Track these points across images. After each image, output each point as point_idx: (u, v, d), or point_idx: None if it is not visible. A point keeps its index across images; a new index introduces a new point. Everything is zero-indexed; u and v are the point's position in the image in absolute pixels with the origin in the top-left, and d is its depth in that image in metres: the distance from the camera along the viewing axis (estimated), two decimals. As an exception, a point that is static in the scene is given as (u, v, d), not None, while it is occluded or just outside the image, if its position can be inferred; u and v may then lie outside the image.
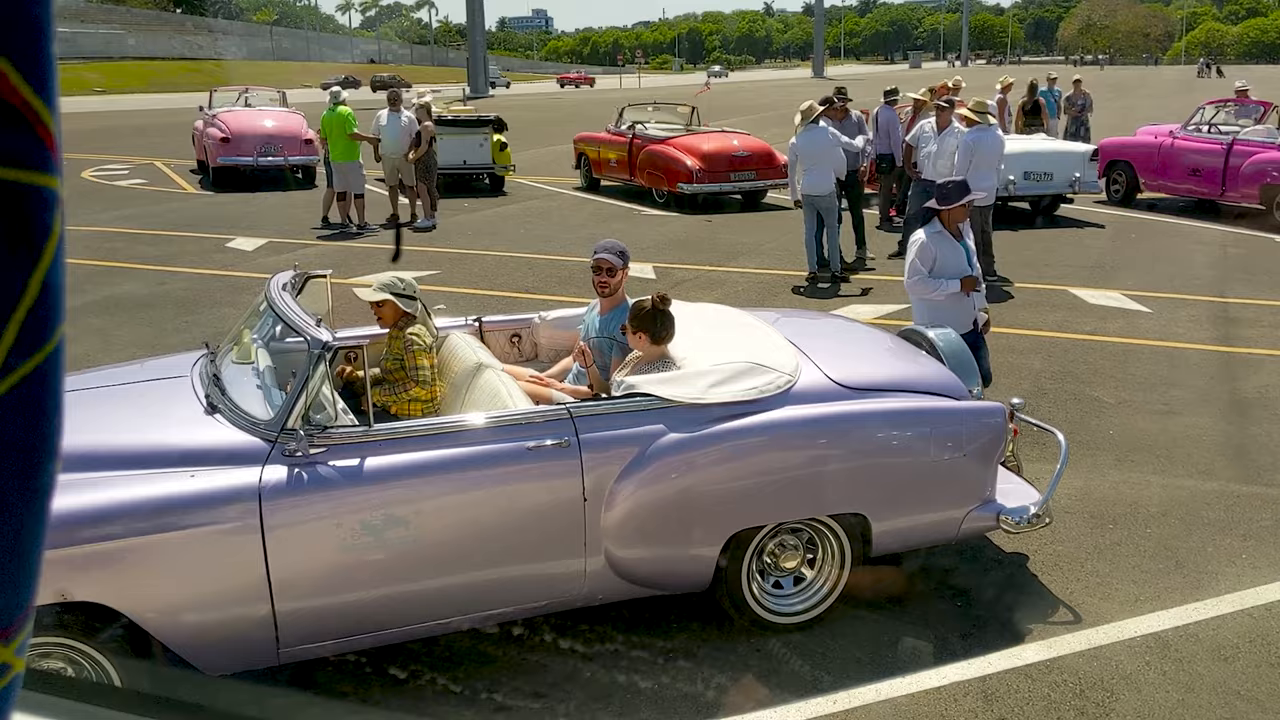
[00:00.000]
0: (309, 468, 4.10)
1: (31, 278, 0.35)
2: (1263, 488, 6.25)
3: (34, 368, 0.36)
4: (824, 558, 4.86)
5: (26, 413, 0.36)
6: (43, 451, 0.38)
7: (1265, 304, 10.47)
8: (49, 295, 0.36)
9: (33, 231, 0.35)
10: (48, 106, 0.35)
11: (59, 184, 0.36)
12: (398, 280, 5.13)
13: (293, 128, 20.08)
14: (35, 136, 0.35)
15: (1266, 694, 4.29)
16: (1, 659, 0.39)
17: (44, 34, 0.34)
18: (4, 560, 0.37)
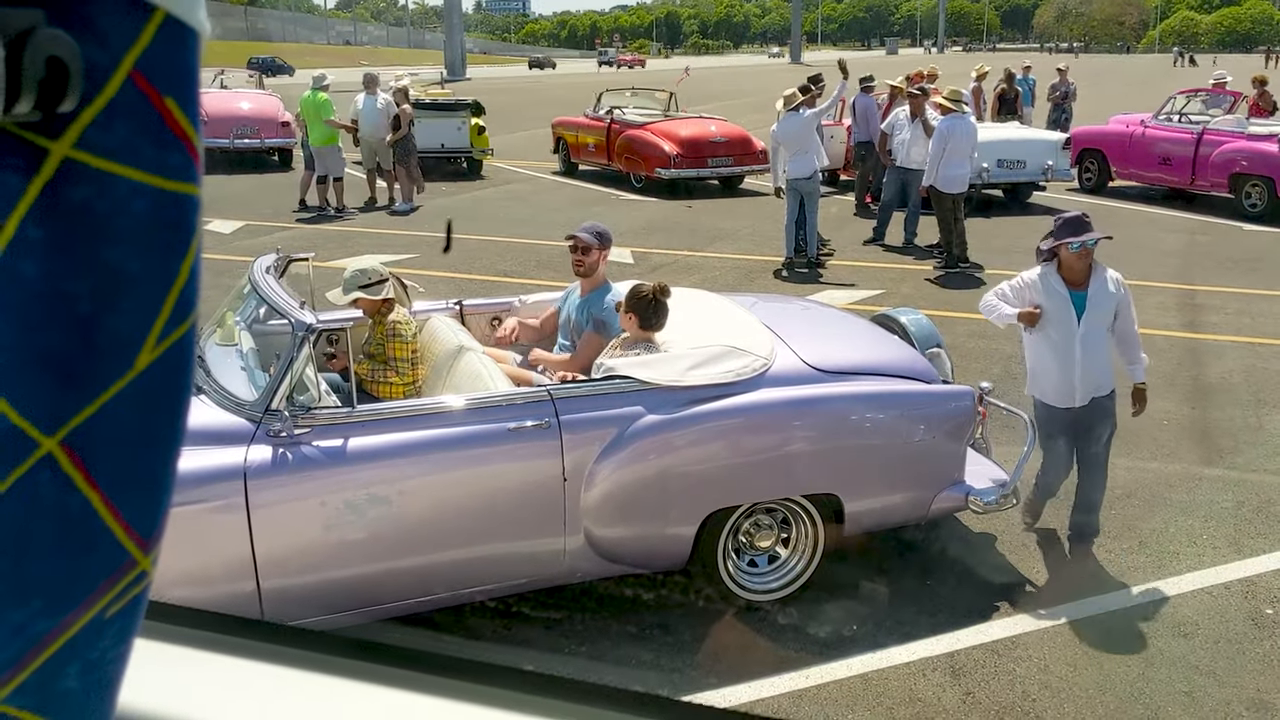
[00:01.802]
0: (293, 448, 4.17)
1: (183, 264, 0.46)
2: (1224, 470, 6.42)
3: (181, 335, 0.46)
4: (798, 537, 4.98)
5: (175, 368, 0.47)
6: (184, 398, 0.48)
7: (1231, 291, 10.67)
8: (193, 279, 0.46)
9: (186, 229, 0.45)
10: (196, 130, 0.45)
11: (200, 193, 0.46)
12: (360, 274, 5.12)
13: (269, 110, 20.00)
14: (189, 157, 0.45)
15: (1224, 669, 4.44)
16: (142, 567, 0.49)
17: (196, 75, 0.44)
18: (153, 484, 0.48)
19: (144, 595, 0.51)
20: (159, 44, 0.43)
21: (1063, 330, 5.25)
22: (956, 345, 8.00)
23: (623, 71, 79.72)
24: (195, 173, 0.46)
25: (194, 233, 0.46)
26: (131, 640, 0.52)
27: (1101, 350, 5.28)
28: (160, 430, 0.48)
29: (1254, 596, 5.01)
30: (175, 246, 0.45)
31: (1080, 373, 5.21)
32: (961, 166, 11.11)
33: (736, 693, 4.30)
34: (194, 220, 0.46)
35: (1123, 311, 5.28)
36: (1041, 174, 15.07)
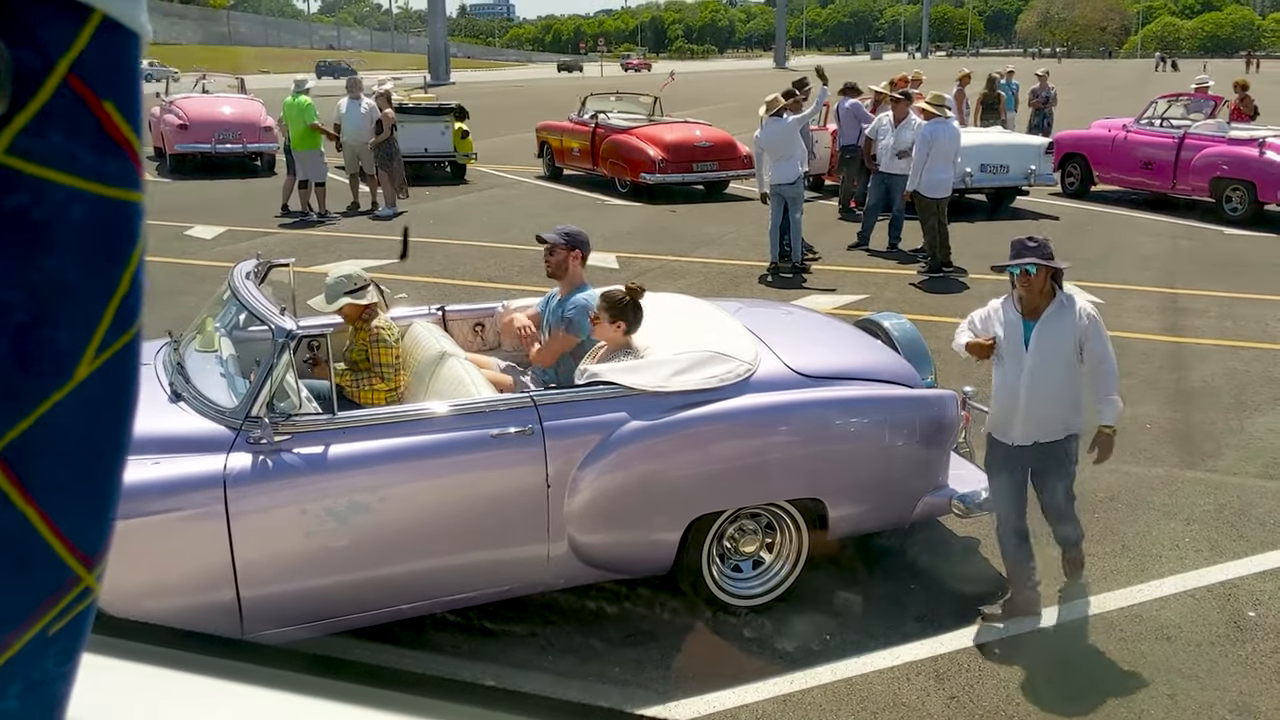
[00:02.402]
0: (273, 455, 4.14)
1: (124, 274, 0.44)
2: (1205, 474, 6.45)
3: (123, 345, 0.45)
4: (782, 542, 4.98)
5: (118, 380, 0.46)
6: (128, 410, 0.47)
7: (1212, 295, 10.72)
8: (136, 288, 0.45)
9: (127, 237, 0.44)
10: (138, 137, 0.43)
11: (144, 200, 0.45)
12: (344, 279, 5.08)
13: (251, 115, 19.92)
14: (130, 163, 0.43)
15: (1206, 671, 4.45)
16: (86, 584, 0.47)
17: (138, 79, 0.43)
18: (97, 499, 0.47)
19: (89, 612, 0.49)
20: (96, 47, 0.42)
21: (1011, 363, 4.78)
22: (940, 350, 8.01)
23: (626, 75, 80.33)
24: (137, 179, 0.44)
25: (136, 240, 0.45)
26: (77, 658, 0.50)
27: (1055, 388, 4.70)
28: (103, 443, 0.47)
29: (1236, 599, 5.03)
30: (116, 255, 0.44)
31: (1023, 410, 4.71)
32: (945, 171, 11.14)
33: (721, 698, 4.29)
34: (136, 227, 0.45)
35: (1089, 345, 4.71)
36: (1024, 179, 15.13)
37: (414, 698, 0.80)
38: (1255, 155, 14.15)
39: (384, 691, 0.79)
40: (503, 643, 4.66)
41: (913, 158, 11.30)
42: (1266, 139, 14.23)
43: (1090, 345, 4.71)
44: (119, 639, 0.84)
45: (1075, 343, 4.71)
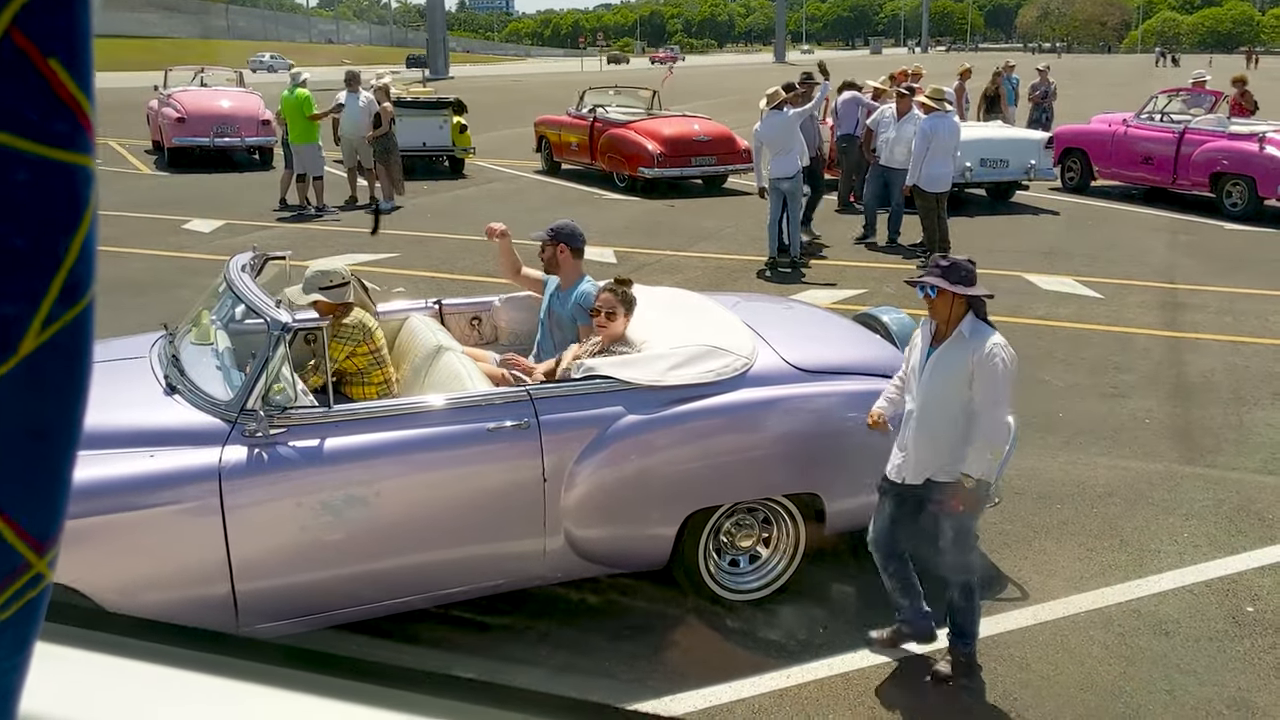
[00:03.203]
0: (269, 448, 4.12)
1: (73, 242, 0.42)
2: (1204, 469, 6.43)
3: (72, 318, 0.43)
4: (779, 536, 4.96)
5: (66, 355, 0.43)
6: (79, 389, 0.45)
7: (1212, 290, 10.71)
8: (85, 257, 0.43)
9: (76, 203, 0.42)
10: (88, 98, 0.41)
11: (94, 164, 0.43)
12: (321, 274, 5.03)
13: (249, 108, 19.87)
14: (79, 124, 0.41)
15: (1204, 667, 4.44)
16: (37, 570, 0.46)
17: (87, 37, 0.41)
18: (46, 482, 0.45)
19: (42, 600, 0.47)
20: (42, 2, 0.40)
21: (909, 387, 4.39)
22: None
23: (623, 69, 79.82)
24: (86, 142, 0.42)
25: (86, 207, 0.43)
26: (30, 649, 0.49)
27: (938, 427, 4.24)
28: (51, 422, 0.45)
29: (1234, 594, 5.01)
30: (63, 221, 0.42)
31: (909, 444, 4.33)
32: (944, 165, 11.12)
33: (717, 693, 4.27)
34: (86, 194, 0.43)
35: (976, 385, 4.16)
36: (1024, 173, 15.11)
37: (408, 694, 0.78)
38: (1255, 150, 14.12)
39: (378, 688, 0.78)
40: (498, 637, 4.64)
41: (912, 152, 11.28)
42: (1266, 134, 14.20)
43: (978, 386, 4.15)
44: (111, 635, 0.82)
45: (966, 380, 4.17)
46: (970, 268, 4.25)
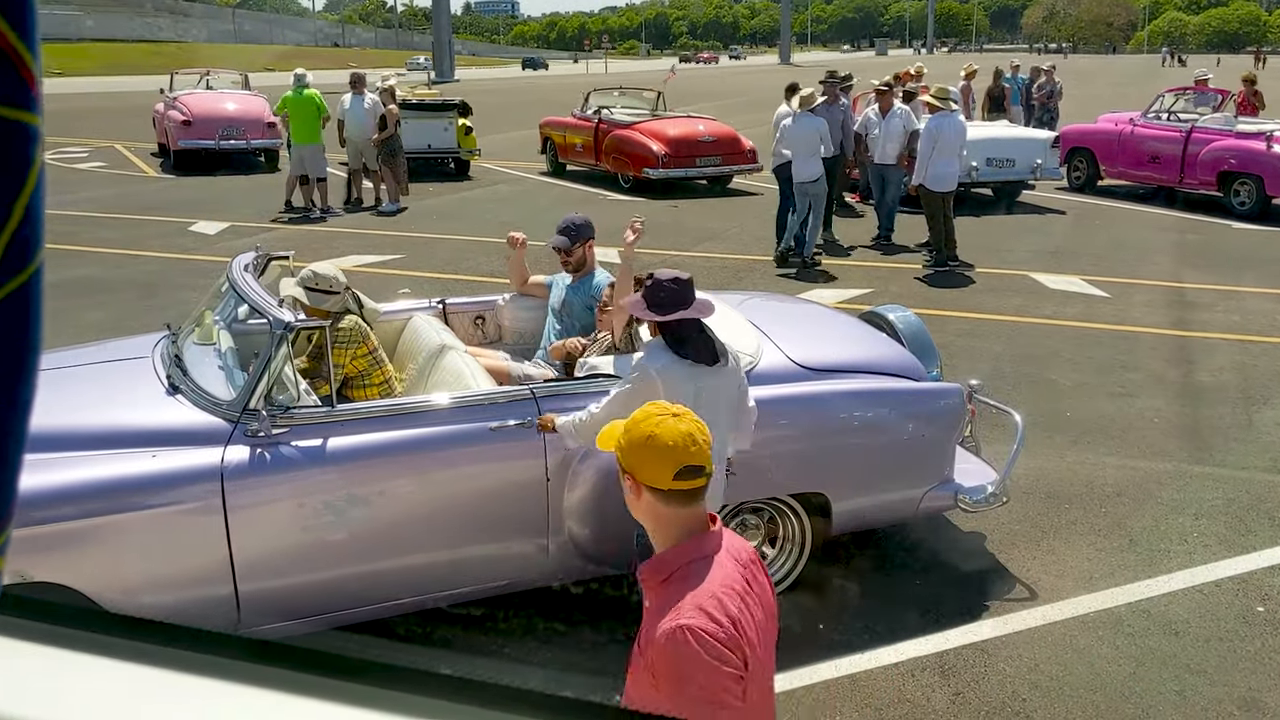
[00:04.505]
0: (271, 448, 4.10)
1: (16, 203, 0.39)
2: (1214, 468, 6.38)
3: (18, 286, 0.40)
4: (785, 536, 4.92)
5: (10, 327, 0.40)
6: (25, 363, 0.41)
7: (1220, 289, 10.65)
8: (31, 220, 0.40)
9: (17, 162, 0.39)
10: (30, 51, 0.38)
11: (39, 121, 0.39)
12: (312, 274, 4.93)
13: (255, 111, 19.89)
14: (19, 78, 0.38)
15: (1215, 667, 4.40)
16: None
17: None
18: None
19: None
20: None
21: None
22: (946, 344, 7.96)
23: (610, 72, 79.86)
24: (30, 98, 0.39)
25: (30, 166, 0.40)
26: None
27: None
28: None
29: (1245, 594, 4.97)
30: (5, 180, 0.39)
31: None
32: (950, 165, 11.08)
33: (723, 695, 4.23)
34: (30, 152, 0.40)
35: None
36: (1030, 173, 15.07)
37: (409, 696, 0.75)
38: (1263, 149, 14.06)
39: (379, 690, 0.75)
40: (501, 638, 4.61)
41: (919, 151, 11.25)
42: (1274, 133, 14.14)
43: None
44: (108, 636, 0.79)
45: None
46: (673, 289, 4.01)
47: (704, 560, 2.23)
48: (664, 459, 2.24)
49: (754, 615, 2.20)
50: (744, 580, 2.23)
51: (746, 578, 2.25)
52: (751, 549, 2.39)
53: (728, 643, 2.10)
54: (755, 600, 2.24)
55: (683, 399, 3.87)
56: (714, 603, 2.14)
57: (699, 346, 3.95)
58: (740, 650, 2.12)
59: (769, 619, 2.30)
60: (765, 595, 2.31)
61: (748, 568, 2.28)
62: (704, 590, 2.17)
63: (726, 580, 2.20)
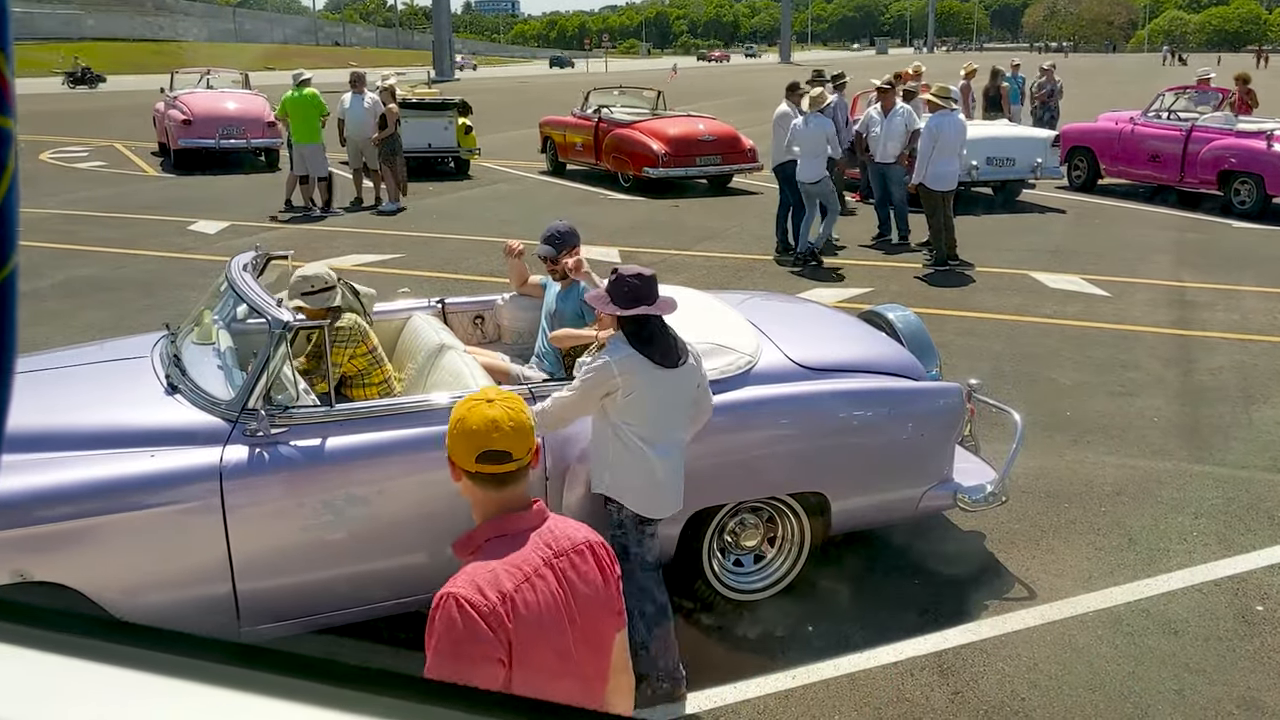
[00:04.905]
0: (270, 448, 4.10)
1: None
2: (1214, 467, 6.38)
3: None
4: (784, 536, 4.92)
5: None
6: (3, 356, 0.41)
7: (1220, 288, 10.65)
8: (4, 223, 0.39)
9: None
10: (3, 53, 0.38)
11: (12, 124, 0.39)
12: (303, 280, 4.90)
13: (255, 110, 19.89)
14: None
15: (1214, 667, 4.40)
16: None
17: None
18: None
19: None
20: None
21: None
22: (945, 343, 7.96)
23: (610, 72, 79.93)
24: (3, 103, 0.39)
25: (4, 169, 0.39)
26: None
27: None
28: None
29: (1244, 593, 4.97)
30: None
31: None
32: (950, 164, 11.07)
33: (721, 693, 4.24)
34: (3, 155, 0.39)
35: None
36: (1030, 172, 15.07)
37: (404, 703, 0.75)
38: (1264, 148, 14.06)
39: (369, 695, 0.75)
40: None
41: (919, 150, 11.25)
42: (1274, 131, 14.13)
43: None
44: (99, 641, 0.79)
45: None
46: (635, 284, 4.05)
47: (504, 539, 2.33)
48: (468, 443, 2.35)
49: (543, 598, 2.26)
50: (543, 563, 2.29)
51: (551, 563, 2.31)
52: (585, 540, 2.44)
53: (488, 617, 2.18)
54: (557, 586, 2.29)
55: (641, 393, 3.95)
56: (489, 578, 2.23)
57: (663, 348, 4.01)
58: (502, 627, 2.18)
59: (589, 608, 2.35)
60: (587, 585, 2.36)
61: (564, 556, 2.34)
62: (486, 565, 2.26)
63: (516, 560, 2.28)
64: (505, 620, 2.19)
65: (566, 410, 4.08)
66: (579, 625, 2.32)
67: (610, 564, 2.46)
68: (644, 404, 4.00)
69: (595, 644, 2.39)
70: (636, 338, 4.00)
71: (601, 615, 2.40)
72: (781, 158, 11.80)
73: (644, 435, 4.02)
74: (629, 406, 3.99)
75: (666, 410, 4.07)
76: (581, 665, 2.35)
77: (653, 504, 4.13)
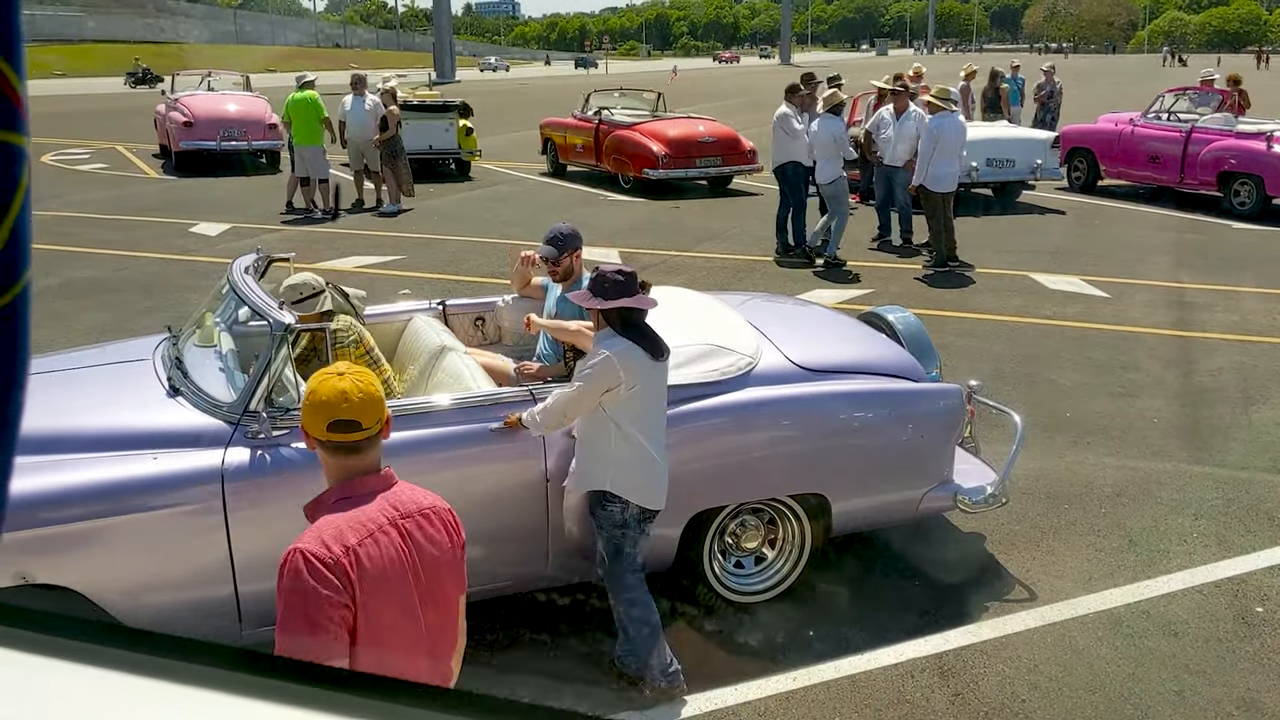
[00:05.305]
0: (272, 450, 4.11)
1: (2, 224, 0.39)
2: (1213, 468, 6.39)
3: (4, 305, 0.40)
4: (784, 537, 4.93)
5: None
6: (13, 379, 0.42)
7: (1219, 289, 10.66)
8: (17, 240, 0.40)
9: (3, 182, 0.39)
10: (15, 72, 0.39)
11: (26, 142, 0.40)
12: (290, 289, 4.94)
13: (256, 112, 19.90)
14: (5, 98, 0.39)
15: (1214, 668, 4.40)
16: None
17: (12, 7, 0.38)
18: None
19: None
20: None
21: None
22: (945, 344, 7.97)
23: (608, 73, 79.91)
24: (16, 119, 0.39)
25: (16, 186, 0.40)
26: None
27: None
28: None
29: (1244, 595, 4.97)
30: None
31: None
32: (950, 165, 11.08)
33: (722, 695, 4.25)
34: (16, 172, 0.40)
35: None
36: (1030, 173, 15.07)
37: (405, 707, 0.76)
38: (1263, 149, 14.07)
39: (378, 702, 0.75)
40: (500, 642, 4.61)
41: (919, 152, 11.26)
42: (1274, 133, 14.14)
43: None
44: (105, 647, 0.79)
45: None
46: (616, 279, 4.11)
47: (350, 500, 2.49)
48: (319, 412, 2.50)
49: (386, 553, 2.42)
50: (387, 522, 2.46)
51: (396, 522, 2.47)
52: (432, 505, 2.61)
53: (333, 569, 2.33)
54: (401, 544, 2.45)
55: (641, 388, 4.02)
56: (334, 533, 2.38)
57: (652, 340, 4.13)
58: (346, 578, 2.34)
59: (434, 568, 2.52)
60: (433, 546, 2.53)
61: (410, 518, 2.51)
62: (331, 522, 2.42)
63: (360, 518, 2.43)
64: (349, 571, 2.34)
65: (569, 407, 4.14)
66: (423, 583, 2.48)
67: (456, 530, 2.64)
68: (643, 398, 4.09)
69: (439, 602, 2.55)
70: (626, 327, 4.12)
71: (446, 576, 2.57)
72: (781, 159, 11.80)
73: (643, 429, 4.12)
74: (631, 401, 4.06)
75: (657, 404, 4.20)
76: (426, 621, 2.50)
77: (656, 497, 4.21)
